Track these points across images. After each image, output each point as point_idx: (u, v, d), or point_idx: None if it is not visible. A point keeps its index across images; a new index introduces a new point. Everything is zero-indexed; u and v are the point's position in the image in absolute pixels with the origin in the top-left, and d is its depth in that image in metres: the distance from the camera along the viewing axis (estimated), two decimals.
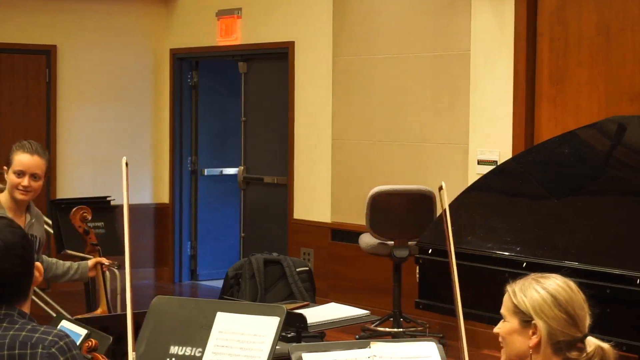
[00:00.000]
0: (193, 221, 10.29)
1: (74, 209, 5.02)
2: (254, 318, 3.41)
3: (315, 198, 8.75)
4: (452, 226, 5.34)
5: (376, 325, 7.26)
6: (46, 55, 9.74)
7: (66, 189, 9.71)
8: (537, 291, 2.67)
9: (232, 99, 9.92)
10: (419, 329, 7.38)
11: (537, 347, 2.65)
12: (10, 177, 4.40)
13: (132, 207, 10.87)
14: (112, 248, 7.24)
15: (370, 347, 3.22)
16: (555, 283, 2.68)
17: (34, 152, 4.41)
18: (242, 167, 9.65)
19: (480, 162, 7.41)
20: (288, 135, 9.00)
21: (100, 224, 7.16)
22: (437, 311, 5.72)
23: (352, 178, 8.41)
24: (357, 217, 7.93)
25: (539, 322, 2.64)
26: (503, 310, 2.74)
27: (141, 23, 10.16)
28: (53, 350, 2.55)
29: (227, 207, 10.13)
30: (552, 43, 7.09)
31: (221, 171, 10.23)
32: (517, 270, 4.61)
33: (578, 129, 5.77)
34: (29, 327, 2.60)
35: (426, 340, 3.27)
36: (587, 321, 2.69)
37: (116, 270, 7.54)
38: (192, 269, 10.27)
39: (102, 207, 7.46)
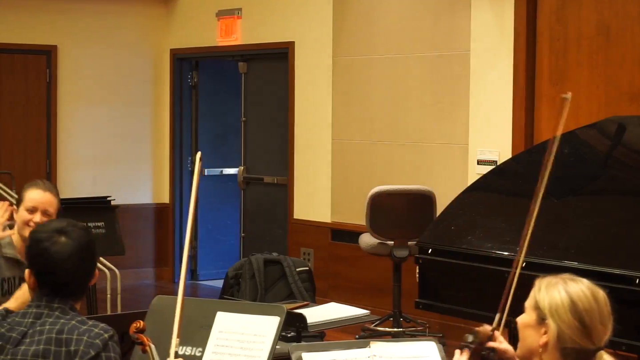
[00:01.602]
0: (193, 221, 10.27)
1: None
2: (254, 318, 3.41)
3: (315, 198, 8.75)
4: (452, 226, 5.35)
5: (376, 325, 7.26)
6: (46, 55, 9.74)
7: (66, 189, 9.70)
8: (559, 292, 2.64)
9: (232, 99, 9.92)
10: (419, 329, 7.38)
11: (545, 347, 2.62)
12: (21, 214, 4.25)
13: (132, 207, 10.82)
14: (112, 248, 7.25)
15: (370, 347, 3.23)
16: (580, 289, 2.65)
17: (46, 189, 4.32)
18: (242, 167, 9.65)
19: (480, 162, 7.41)
20: (288, 135, 9.00)
21: (100, 224, 7.17)
22: (437, 311, 5.72)
23: (352, 178, 8.41)
24: (357, 217, 7.93)
25: (550, 323, 2.62)
26: (526, 303, 2.72)
27: (141, 23, 10.16)
28: (97, 341, 2.82)
29: (227, 207, 10.13)
30: (552, 43, 7.09)
31: (221, 171, 10.23)
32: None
33: (578, 129, 5.77)
34: (79, 319, 2.89)
35: (426, 340, 3.27)
36: (606, 336, 2.64)
37: (117, 270, 7.54)
38: (192, 269, 10.27)
39: (102, 207, 7.46)
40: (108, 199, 7.62)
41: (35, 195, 4.28)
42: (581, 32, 6.94)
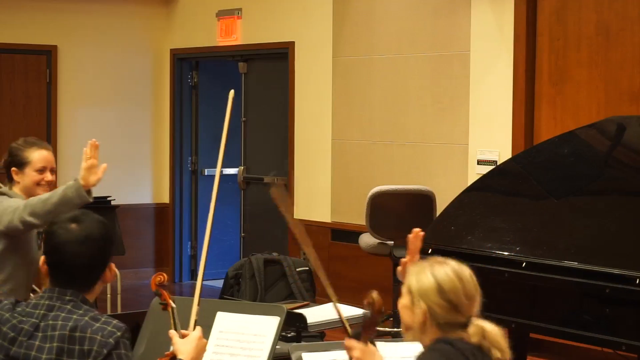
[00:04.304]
0: (193, 221, 10.29)
1: None
2: (254, 318, 3.41)
3: (315, 198, 8.75)
4: (452, 226, 5.35)
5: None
6: (46, 55, 9.74)
7: None
8: (427, 277, 2.94)
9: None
10: None
11: (423, 324, 2.92)
12: (31, 175, 4.38)
13: (132, 207, 10.84)
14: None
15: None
16: (444, 272, 2.95)
17: (47, 147, 4.50)
18: (242, 167, 9.65)
19: (480, 162, 7.41)
20: (288, 135, 9.00)
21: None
22: None
23: (352, 178, 8.41)
24: (357, 217, 7.93)
25: (422, 305, 2.91)
26: (402, 287, 3.03)
27: (141, 23, 10.16)
28: (110, 340, 2.81)
29: (227, 207, 10.13)
30: (552, 43, 7.10)
31: (221, 171, 10.21)
32: (517, 270, 4.62)
33: (578, 129, 5.77)
34: (92, 314, 2.87)
35: None
36: (475, 307, 2.94)
37: (117, 270, 7.53)
38: (192, 269, 10.27)
39: (102, 207, 7.46)
40: (108, 199, 7.62)
41: (42, 156, 4.43)
42: (581, 32, 6.94)
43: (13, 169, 4.40)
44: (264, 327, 3.37)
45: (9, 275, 4.28)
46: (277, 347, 3.35)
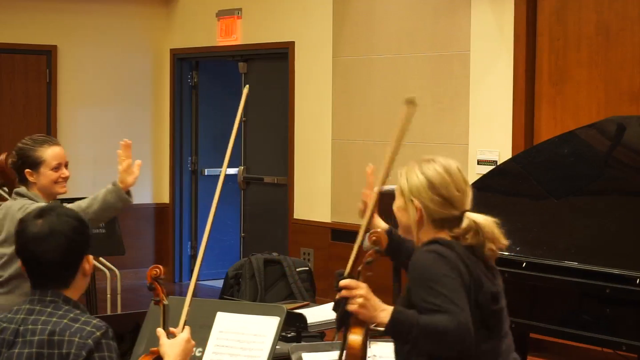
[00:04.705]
0: (193, 221, 10.29)
1: None
2: (254, 318, 3.41)
3: (315, 198, 8.75)
4: None
5: (376, 325, 7.24)
6: (46, 55, 9.74)
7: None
8: (417, 176, 3.06)
9: (232, 99, 9.92)
10: None
11: (420, 223, 3.02)
12: (48, 175, 4.27)
13: (132, 207, 10.93)
14: (112, 248, 7.26)
15: (370, 347, 3.23)
16: (433, 168, 3.05)
17: (57, 142, 4.39)
18: (242, 167, 9.66)
19: (480, 162, 7.41)
20: (288, 135, 9.00)
21: (100, 224, 7.17)
22: None
23: (352, 178, 8.41)
24: (357, 217, 7.91)
25: (417, 203, 3.01)
26: (395, 191, 3.13)
27: (141, 23, 10.16)
28: (89, 341, 2.71)
29: (227, 207, 10.13)
30: (552, 43, 7.10)
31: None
32: (517, 270, 4.62)
33: (578, 129, 5.77)
34: (72, 315, 2.78)
35: None
36: (467, 200, 3.04)
37: (117, 270, 7.54)
38: (192, 269, 10.26)
39: None
40: None
41: (55, 153, 4.32)
42: (581, 32, 6.94)
43: (27, 170, 4.26)
44: (264, 327, 3.37)
45: None
46: (277, 347, 3.35)
